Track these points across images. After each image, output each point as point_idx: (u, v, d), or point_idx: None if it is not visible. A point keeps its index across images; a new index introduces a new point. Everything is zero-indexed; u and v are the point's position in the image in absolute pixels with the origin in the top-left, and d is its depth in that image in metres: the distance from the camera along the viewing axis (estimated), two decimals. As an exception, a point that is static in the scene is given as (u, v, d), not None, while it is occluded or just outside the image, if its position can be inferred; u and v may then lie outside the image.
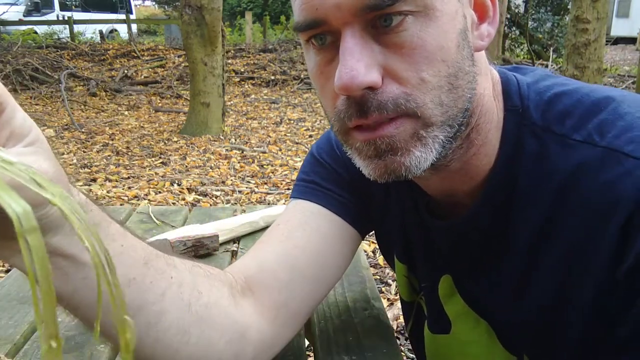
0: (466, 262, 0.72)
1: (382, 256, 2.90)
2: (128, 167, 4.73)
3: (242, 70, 9.81)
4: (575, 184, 0.58)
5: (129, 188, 4.10)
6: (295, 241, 0.77)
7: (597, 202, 0.56)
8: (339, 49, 0.55)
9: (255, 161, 4.92)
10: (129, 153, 5.24)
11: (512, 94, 0.65)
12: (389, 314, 2.30)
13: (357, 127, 0.58)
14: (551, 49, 11.09)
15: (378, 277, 2.77)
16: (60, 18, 13.12)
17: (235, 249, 1.30)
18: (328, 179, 0.82)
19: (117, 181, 4.30)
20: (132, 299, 0.55)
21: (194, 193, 4.04)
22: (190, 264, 0.66)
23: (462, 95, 0.58)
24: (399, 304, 2.47)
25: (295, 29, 0.59)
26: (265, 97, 8.49)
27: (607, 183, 0.55)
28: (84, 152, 5.26)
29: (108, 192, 4.00)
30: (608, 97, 0.61)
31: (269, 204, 3.78)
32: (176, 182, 4.27)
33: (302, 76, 9.28)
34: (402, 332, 2.28)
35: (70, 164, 4.77)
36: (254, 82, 9.41)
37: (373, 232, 0.90)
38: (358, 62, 0.53)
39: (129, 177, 4.42)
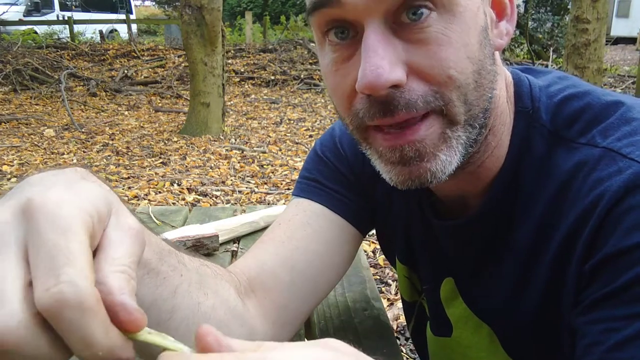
0: (469, 263, 0.72)
1: (382, 256, 2.91)
2: (128, 167, 4.73)
3: (242, 70, 9.80)
4: (572, 182, 0.58)
5: (129, 188, 4.10)
6: (296, 242, 0.77)
7: (586, 198, 0.55)
8: (361, 46, 0.53)
9: (255, 161, 4.92)
10: (129, 153, 5.24)
11: (523, 96, 0.65)
12: (389, 314, 2.30)
13: (377, 127, 0.57)
14: (551, 49, 11.08)
15: (378, 277, 2.77)
16: (60, 18, 13.11)
17: (235, 249, 1.30)
18: (330, 178, 0.82)
19: (117, 181, 4.30)
20: (145, 293, 0.54)
21: (194, 193, 4.03)
22: (198, 263, 0.65)
23: (484, 95, 0.57)
24: (399, 304, 2.46)
25: (308, 13, 0.57)
26: (265, 97, 8.49)
27: (599, 180, 0.55)
28: (84, 152, 5.26)
29: (108, 192, 4.00)
30: (618, 101, 0.61)
31: (269, 204, 3.78)
32: (176, 182, 4.27)
33: (302, 76, 9.28)
34: (402, 332, 2.28)
35: (71, 164, 4.77)
36: (254, 82, 9.41)
37: (373, 231, 0.90)
38: (382, 60, 0.52)
39: (129, 177, 4.42)
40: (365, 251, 2.90)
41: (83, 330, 0.32)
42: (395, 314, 2.37)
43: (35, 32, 12.18)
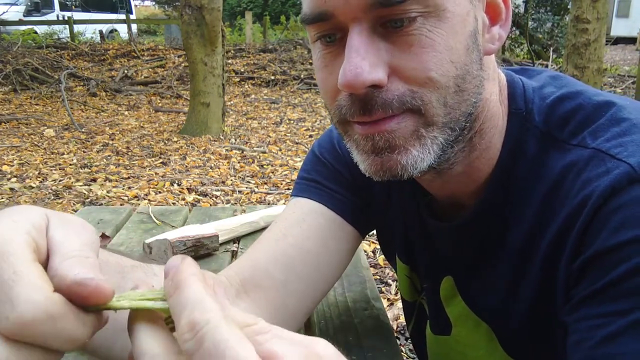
0: (466, 263, 0.72)
1: (382, 256, 2.91)
2: (128, 167, 4.73)
3: (242, 70, 9.80)
4: (562, 182, 0.59)
5: (129, 188, 4.10)
6: (291, 239, 0.77)
7: (575, 199, 0.56)
8: (345, 46, 0.55)
9: (255, 161, 4.92)
10: (129, 153, 5.23)
11: (517, 98, 0.65)
12: (389, 314, 2.30)
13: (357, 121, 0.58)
14: (551, 49, 11.08)
15: (378, 277, 2.77)
16: (60, 18, 13.11)
17: (235, 249, 1.30)
18: (329, 178, 0.82)
19: (117, 181, 4.30)
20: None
21: (194, 193, 4.03)
22: None
23: (467, 99, 0.58)
24: (399, 304, 2.46)
25: (302, 21, 0.59)
26: (265, 97, 8.49)
27: (587, 180, 0.56)
28: (84, 152, 5.26)
29: (108, 192, 4.00)
30: (609, 102, 0.61)
31: (269, 204, 3.78)
32: (176, 182, 4.27)
33: (302, 76, 9.28)
34: (402, 332, 2.28)
35: (70, 164, 4.77)
36: (254, 82, 9.41)
37: (373, 231, 0.90)
38: (363, 60, 0.53)
39: (129, 177, 4.42)
40: (365, 251, 2.90)
41: (63, 334, 0.33)
42: (395, 314, 2.37)
43: (35, 32, 12.17)
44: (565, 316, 0.56)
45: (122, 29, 14.07)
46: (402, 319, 2.34)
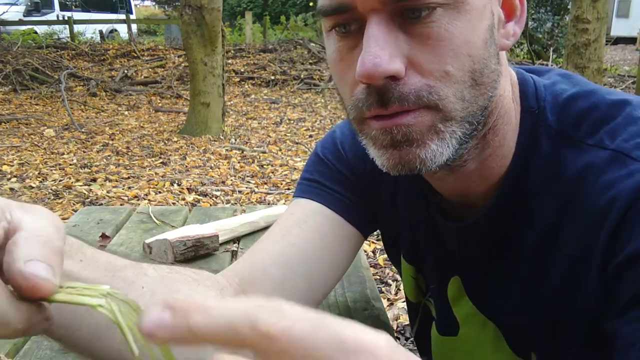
0: (476, 264, 0.71)
1: (382, 256, 2.91)
2: (128, 167, 4.73)
3: (242, 70, 9.80)
4: (581, 185, 0.58)
5: (129, 188, 4.10)
6: (290, 239, 0.76)
7: (598, 202, 0.56)
8: (364, 36, 0.54)
9: (255, 161, 4.92)
10: (129, 153, 5.24)
11: (529, 96, 0.65)
12: (389, 314, 2.30)
13: (374, 116, 0.57)
14: (551, 49, 11.09)
15: (378, 277, 2.77)
16: (60, 18, 13.11)
17: (235, 249, 1.30)
18: (331, 179, 0.82)
19: (117, 181, 4.30)
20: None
21: (194, 193, 4.04)
22: (167, 271, 0.64)
23: (484, 93, 0.57)
24: (399, 304, 2.46)
25: (319, 12, 0.58)
26: (265, 97, 8.49)
27: (609, 183, 0.55)
28: (84, 152, 5.26)
29: (108, 192, 4.00)
30: (624, 100, 0.61)
31: (269, 204, 3.78)
32: (176, 182, 4.27)
33: (302, 76, 9.28)
34: (402, 332, 2.28)
35: (70, 164, 4.77)
36: (254, 82, 9.41)
37: (374, 232, 0.89)
38: (382, 50, 0.52)
39: (129, 177, 4.42)
40: (365, 251, 2.90)
41: None
42: (395, 314, 2.37)
43: (35, 32, 12.17)
44: (608, 321, 0.55)
45: (122, 29, 14.06)
46: (402, 319, 2.34)
